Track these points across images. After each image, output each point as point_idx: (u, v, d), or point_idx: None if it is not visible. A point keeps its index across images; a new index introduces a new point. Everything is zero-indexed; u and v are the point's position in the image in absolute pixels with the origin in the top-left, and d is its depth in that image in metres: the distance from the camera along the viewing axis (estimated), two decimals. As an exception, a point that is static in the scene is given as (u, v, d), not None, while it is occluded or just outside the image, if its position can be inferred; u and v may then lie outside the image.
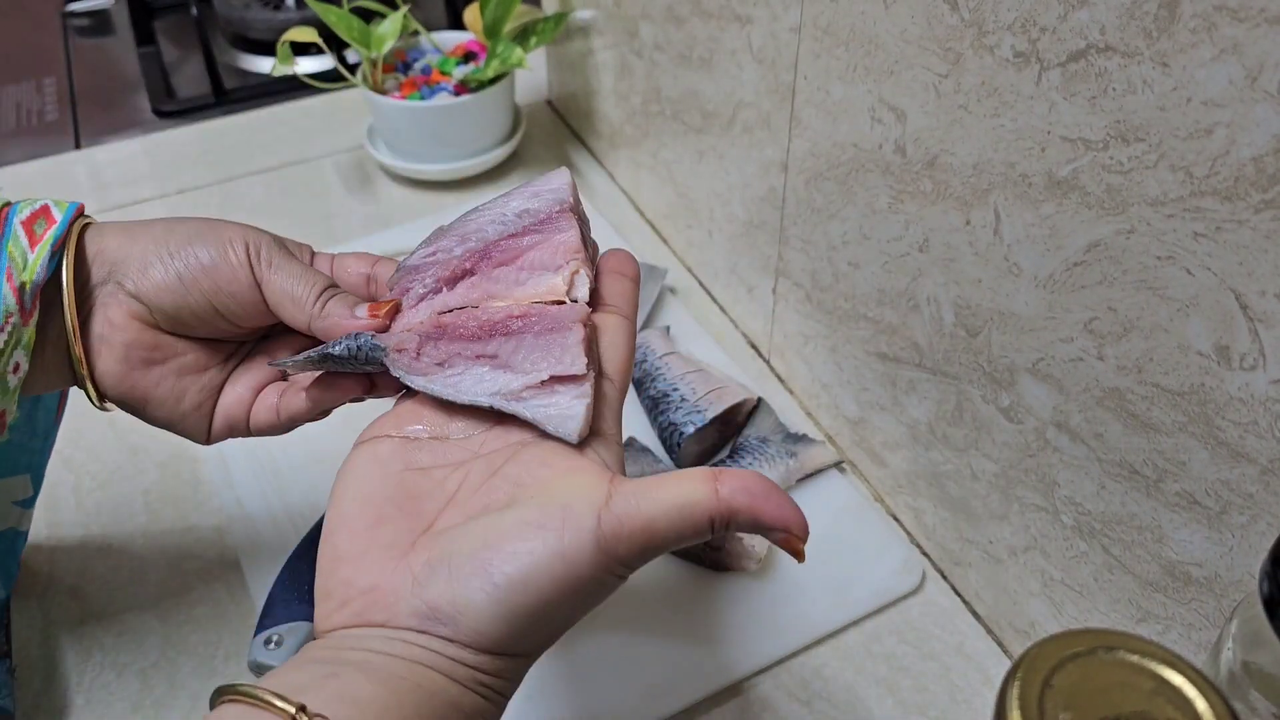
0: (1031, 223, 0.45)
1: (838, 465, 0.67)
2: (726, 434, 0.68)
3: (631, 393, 0.71)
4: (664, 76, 0.77)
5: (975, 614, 0.59)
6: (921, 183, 0.51)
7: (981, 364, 0.52)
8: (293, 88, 1.05)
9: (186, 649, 0.58)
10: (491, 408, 0.39)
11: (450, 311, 0.42)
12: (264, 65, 1.12)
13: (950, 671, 0.57)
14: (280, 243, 0.46)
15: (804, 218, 0.64)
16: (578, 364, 0.38)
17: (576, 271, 0.41)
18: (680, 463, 0.66)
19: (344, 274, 0.48)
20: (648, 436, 0.68)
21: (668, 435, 0.66)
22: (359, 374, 0.44)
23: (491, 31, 0.87)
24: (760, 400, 0.68)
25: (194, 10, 1.03)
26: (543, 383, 0.38)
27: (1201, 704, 0.27)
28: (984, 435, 0.53)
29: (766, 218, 0.68)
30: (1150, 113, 0.38)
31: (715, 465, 0.64)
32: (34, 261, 0.43)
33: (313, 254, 0.48)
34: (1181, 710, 0.27)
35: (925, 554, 0.62)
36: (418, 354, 0.40)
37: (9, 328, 0.42)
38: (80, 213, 0.46)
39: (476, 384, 0.39)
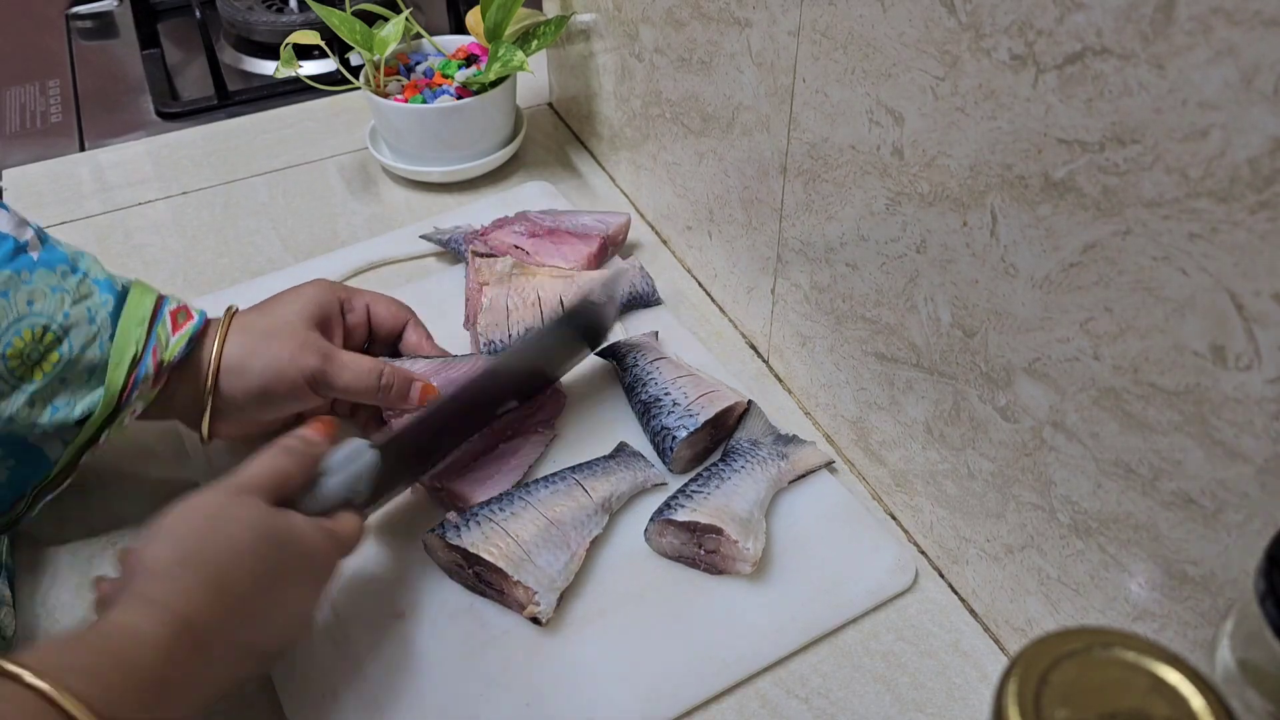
0: (1028, 224, 0.45)
1: (829, 466, 0.67)
2: (718, 437, 0.68)
3: (622, 397, 0.71)
4: (664, 79, 0.77)
5: (972, 611, 0.60)
6: (919, 184, 0.52)
7: (978, 364, 0.52)
8: (296, 90, 1.06)
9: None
10: None
11: None
12: (267, 68, 1.12)
13: (947, 669, 0.57)
14: (327, 354, 0.61)
15: (802, 219, 0.64)
16: None
17: None
18: (673, 467, 0.66)
19: (380, 323, 0.68)
20: (640, 441, 0.68)
21: (660, 440, 0.66)
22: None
23: (493, 35, 0.87)
24: (751, 403, 0.68)
25: (197, 13, 1.04)
26: None
27: (1198, 702, 0.27)
28: (981, 434, 0.53)
29: (765, 219, 0.68)
30: (1146, 115, 0.38)
31: (708, 468, 0.64)
32: (174, 345, 0.58)
33: (354, 312, 0.67)
34: (1178, 708, 0.27)
35: (923, 552, 0.63)
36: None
37: (143, 389, 0.57)
38: (207, 322, 0.62)
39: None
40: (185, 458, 0.68)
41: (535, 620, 0.57)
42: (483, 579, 0.59)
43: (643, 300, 0.79)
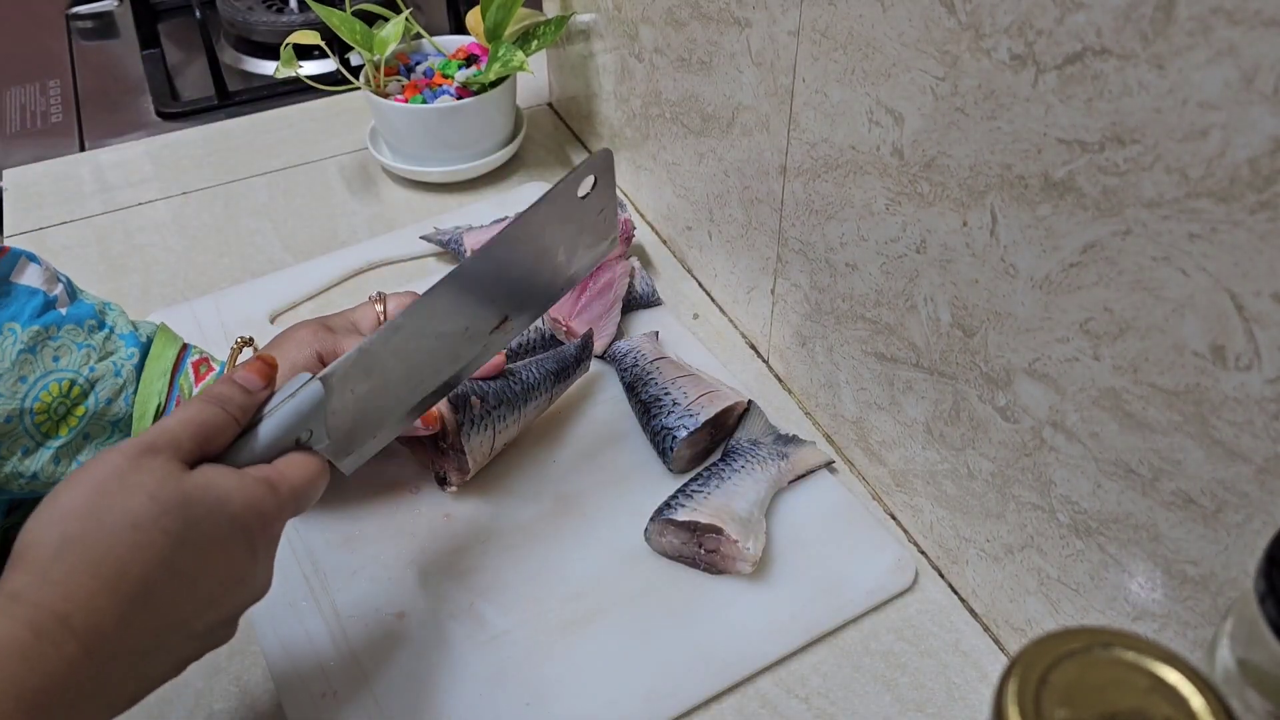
0: (1028, 224, 0.45)
1: (829, 465, 0.67)
2: (718, 437, 0.68)
3: (623, 397, 0.71)
4: (664, 79, 0.77)
5: (972, 611, 0.60)
6: (919, 185, 0.52)
7: (978, 364, 0.52)
8: (296, 90, 1.06)
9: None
10: None
11: None
12: (267, 68, 1.12)
13: (947, 669, 0.57)
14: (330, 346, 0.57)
15: (802, 219, 0.64)
16: None
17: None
18: (673, 467, 0.66)
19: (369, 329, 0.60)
20: (640, 440, 0.68)
21: (660, 439, 0.66)
22: None
23: (493, 35, 0.87)
24: (751, 403, 0.68)
25: (197, 13, 1.04)
26: None
27: (1197, 701, 0.27)
28: (981, 434, 0.53)
29: (765, 219, 0.68)
30: (1146, 115, 0.38)
31: (708, 468, 0.64)
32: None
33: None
34: (1177, 708, 0.27)
35: (922, 552, 0.63)
36: None
37: None
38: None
39: None
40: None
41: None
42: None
43: (643, 300, 0.79)
